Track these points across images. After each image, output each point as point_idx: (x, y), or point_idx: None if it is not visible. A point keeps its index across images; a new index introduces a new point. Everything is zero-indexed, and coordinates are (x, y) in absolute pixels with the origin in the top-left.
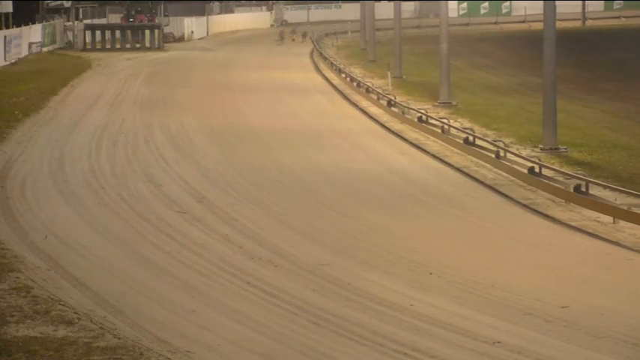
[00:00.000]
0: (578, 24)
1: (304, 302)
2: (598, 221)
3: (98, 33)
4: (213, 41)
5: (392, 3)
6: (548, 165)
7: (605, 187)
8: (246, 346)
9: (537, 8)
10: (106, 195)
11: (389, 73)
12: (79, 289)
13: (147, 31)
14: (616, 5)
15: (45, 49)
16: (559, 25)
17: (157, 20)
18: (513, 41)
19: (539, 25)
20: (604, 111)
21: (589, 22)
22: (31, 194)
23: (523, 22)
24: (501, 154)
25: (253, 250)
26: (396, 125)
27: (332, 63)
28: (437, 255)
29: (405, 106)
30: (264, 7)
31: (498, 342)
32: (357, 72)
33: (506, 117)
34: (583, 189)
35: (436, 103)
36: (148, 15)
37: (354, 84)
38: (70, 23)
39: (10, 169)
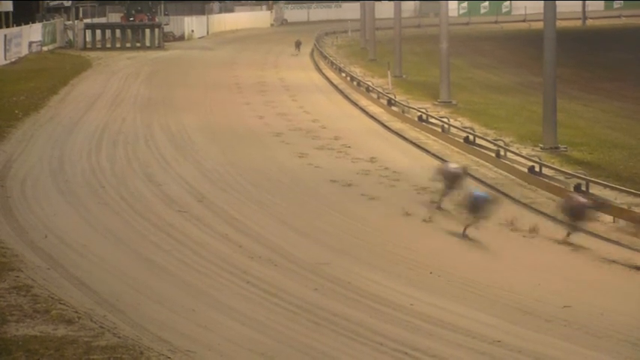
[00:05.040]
0: (578, 23)
1: (304, 301)
2: (598, 220)
3: (98, 32)
4: (214, 40)
5: (392, 2)
6: (549, 164)
7: (605, 186)
8: (246, 346)
9: (537, 8)
10: (106, 194)
11: (389, 72)
12: (79, 288)
13: (147, 31)
14: (616, 5)
15: (45, 48)
16: (559, 24)
17: (157, 19)
18: (513, 41)
19: (539, 25)
20: (604, 110)
21: (589, 22)
22: (31, 193)
23: (523, 21)
24: (502, 153)
25: (253, 249)
26: (396, 124)
27: (332, 62)
28: (437, 255)
29: (405, 105)
30: (264, 7)
31: (498, 341)
32: (357, 71)
33: (506, 116)
34: (583, 188)
35: (436, 102)
36: (148, 14)
37: (355, 83)
38: (70, 22)
39: (10, 169)
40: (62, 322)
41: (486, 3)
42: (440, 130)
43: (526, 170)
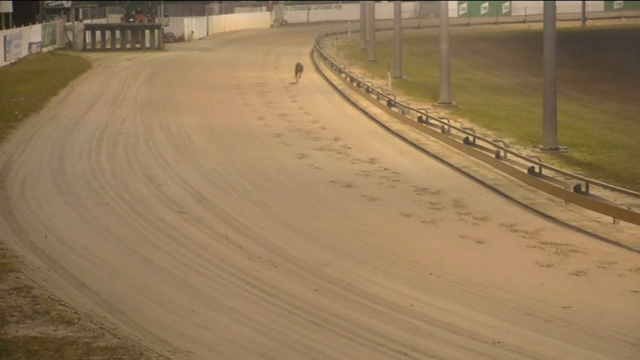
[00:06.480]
0: (578, 24)
1: (304, 302)
2: (598, 221)
3: (98, 33)
4: (213, 41)
5: (392, 3)
6: (549, 165)
7: (605, 187)
8: (246, 346)
9: (537, 8)
10: (106, 195)
11: (389, 73)
12: (79, 289)
13: (147, 31)
14: (616, 5)
15: (45, 49)
16: (559, 25)
17: (157, 20)
18: (513, 41)
19: (539, 25)
20: (604, 111)
21: (589, 22)
22: (31, 194)
23: (523, 22)
24: (501, 154)
25: (253, 250)
26: (396, 125)
27: (332, 63)
28: (437, 255)
29: (405, 106)
30: (264, 7)
31: (498, 342)
32: (357, 72)
33: (506, 117)
34: (583, 189)
35: (436, 104)
36: (148, 15)
37: (354, 84)
38: (70, 23)
39: (10, 169)
40: (62, 323)
41: (486, 4)
42: (440, 131)
43: (526, 171)
